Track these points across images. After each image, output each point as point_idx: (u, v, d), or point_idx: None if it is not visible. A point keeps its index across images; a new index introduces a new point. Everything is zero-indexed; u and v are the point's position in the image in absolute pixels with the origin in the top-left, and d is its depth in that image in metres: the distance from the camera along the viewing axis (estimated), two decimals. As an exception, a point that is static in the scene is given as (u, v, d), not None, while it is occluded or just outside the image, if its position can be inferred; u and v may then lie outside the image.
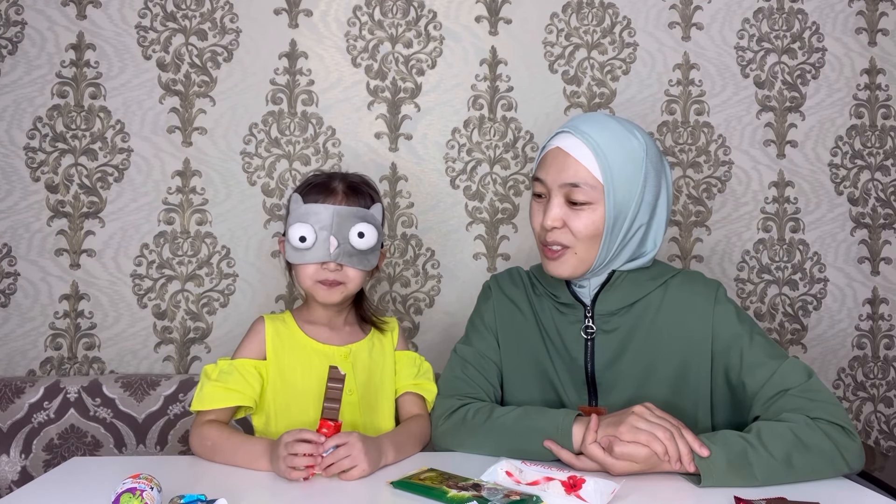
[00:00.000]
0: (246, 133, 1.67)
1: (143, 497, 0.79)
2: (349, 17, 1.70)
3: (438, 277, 1.70)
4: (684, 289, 1.15)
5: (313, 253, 1.15)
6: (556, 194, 1.09)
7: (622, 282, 1.14)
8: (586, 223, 1.08)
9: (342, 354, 1.20)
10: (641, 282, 1.14)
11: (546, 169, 1.11)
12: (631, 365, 1.12)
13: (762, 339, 1.10)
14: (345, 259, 1.16)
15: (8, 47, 1.63)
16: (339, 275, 1.17)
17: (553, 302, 1.19)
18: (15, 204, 1.63)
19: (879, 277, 1.79)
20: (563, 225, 1.09)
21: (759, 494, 0.89)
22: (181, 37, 1.67)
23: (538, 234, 1.14)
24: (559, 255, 1.11)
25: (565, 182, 1.08)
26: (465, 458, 1.07)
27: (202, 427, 1.10)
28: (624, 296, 1.14)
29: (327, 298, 1.18)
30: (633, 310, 1.14)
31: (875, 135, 1.79)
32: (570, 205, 1.09)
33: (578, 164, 1.07)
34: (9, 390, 1.45)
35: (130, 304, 1.64)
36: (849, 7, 1.80)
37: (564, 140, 1.11)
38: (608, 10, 1.75)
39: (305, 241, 1.14)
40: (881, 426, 1.77)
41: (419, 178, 1.70)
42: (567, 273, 1.11)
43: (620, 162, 1.08)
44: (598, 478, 0.89)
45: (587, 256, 1.10)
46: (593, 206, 1.07)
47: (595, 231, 1.08)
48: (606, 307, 1.14)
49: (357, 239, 1.15)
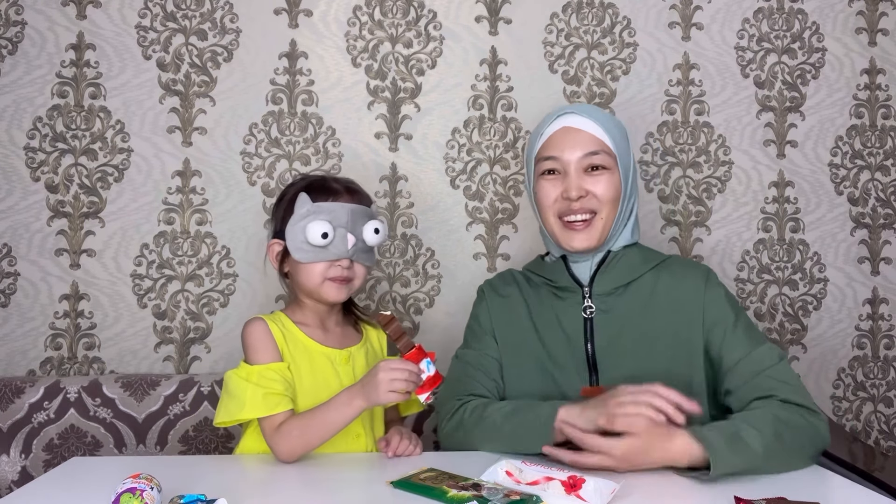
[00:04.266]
0: (246, 133, 1.67)
1: (143, 497, 0.79)
2: (349, 17, 1.70)
3: (438, 277, 1.70)
4: (677, 272, 1.22)
5: (331, 250, 1.15)
6: (575, 166, 1.19)
7: (617, 262, 1.22)
8: (607, 186, 1.19)
9: (343, 358, 1.20)
10: (635, 264, 1.22)
11: (559, 146, 1.20)
12: (629, 342, 1.17)
13: (745, 323, 1.17)
14: (359, 255, 1.18)
15: (8, 47, 1.63)
16: (349, 271, 1.17)
17: (551, 289, 1.24)
18: (15, 204, 1.63)
19: (879, 277, 1.79)
20: (587, 193, 1.18)
21: (759, 494, 0.89)
22: (181, 37, 1.67)
23: (558, 210, 1.20)
24: (588, 224, 1.19)
25: (586, 152, 1.19)
26: (466, 458, 1.07)
27: (280, 429, 1.07)
28: (619, 276, 1.20)
29: (338, 296, 1.18)
30: (629, 290, 1.20)
31: (875, 135, 1.79)
32: (588, 174, 1.19)
33: (591, 136, 1.20)
34: (9, 390, 1.45)
35: (130, 304, 1.64)
36: (849, 7, 1.80)
37: (569, 119, 1.22)
38: (608, 10, 1.75)
39: (328, 237, 1.13)
40: (881, 426, 1.77)
41: (419, 178, 1.70)
42: (595, 241, 1.19)
43: (618, 133, 1.23)
44: (598, 478, 0.89)
45: (609, 221, 1.20)
46: (610, 171, 1.19)
47: (616, 193, 1.19)
48: (603, 287, 1.20)
49: (372, 235, 1.18)
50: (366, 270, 1.21)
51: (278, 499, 0.93)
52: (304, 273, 1.17)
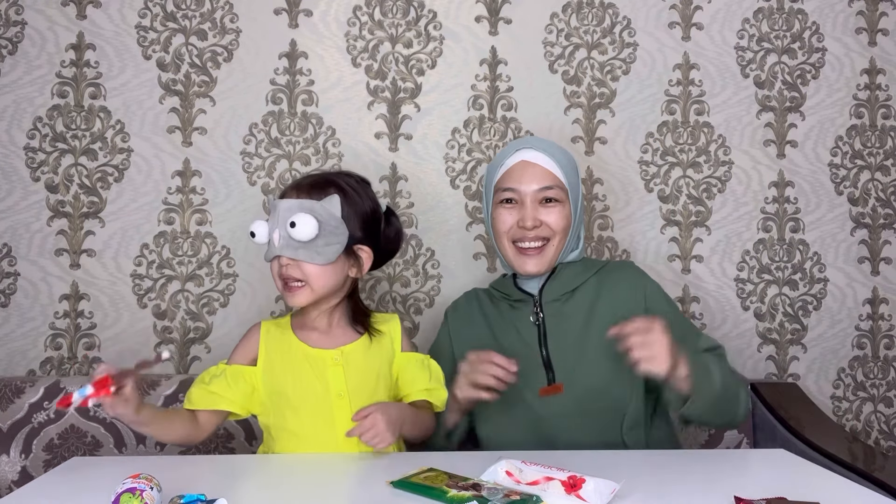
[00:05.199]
0: (246, 133, 1.67)
1: (143, 497, 0.79)
2: (349, 17, 1.70)
3: (438, 277, 1.70)
4: (615, 273, 1.35)
5: (269, 249, 1.15)
6: (531, 198, 1.30)
7: (561, 273, 1.34)
8: (559, 217, 1.31)
9: (331, 357, 1.18)
10: (578, 272, 1.35)
11: (516, 179, 1.31)
12: (579, 342, 1.29)
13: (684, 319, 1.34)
14: (289, 252, 1.11)
15: (8, 47, 1.63)
16: (297, 272, 1.13)
17: (507, 302, 1.37)
18: (15, 204, 1.63)
19: (879, 277, 1.79)
20: (541, 223, 1.30)
21: (759, 494, 0.89)
22: (181, 37, 1.67)
23: (511, 235, 1.32)
24: (540, 250, 1.31)
25: (542, 186, 1.30)
26: (466, 458, 1.07)
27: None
28: (564, 284, 1.33)
29: (291, 301, 1.16)
30: (574, 296, 1.32)
31: (875, 135, 1.79)
32: (542, 205, 1.30)
33: (547, 171, 1.31)
34: (9, 390, 1.45)
35: (130, 304, 1.64)
36: (849, 7, 1.80)
37: (527, 154, 1.32)
38: (608, 10, 1.75)
39: (255, 236, 1.15)
40: (881, 426, 1.77)
41: (419, 178, 1.70)
42: (546, 265, 1.31)
43: (570, 168, 1.34)
44: (599, 478, 0.89)
45: (559, 246, 1.32)
46: (562, 204, 1.31)
47: (566, 223, 1.32)
48: (551, 296, 1.32)
49: (290, 229, 1.09)
50: (325, 270, 1.13)
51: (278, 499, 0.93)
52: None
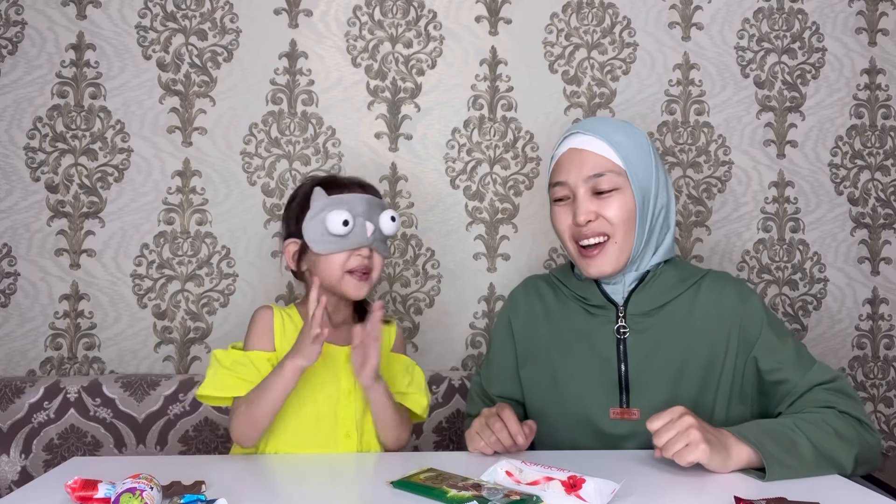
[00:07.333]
0: (246, 133, 1.67)
1: (143, 497, 0.79)
2: (349, 17, 1.70)
3: (438, 277, 1.70)
4: (715, 289, 1.17)
5: (352, 238, 1.15)
6: (582, 189, 1.13)
7: (654, 282, 1.17)
8: (618, 207, 1.11)
9: (344, 354, 1.20)
10: (672, 283, 1.17)
11: (564, 171, 1.15)
12: (664, 365, 1.13)
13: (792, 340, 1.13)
14: (378, 245, 1.19)
15: (8, 47, 1.63)
16: (369, 261, 1.18)
17: (582, 304, 1.20)
18: (15, 204, 1.63)
19: (879, 277, 1.79)
20: (597, 216, 1.12)
21: (759, 494, 0.89)
22: (181, 37, 1.67)
23: (571, 235, 1.16)
24: (601, 249, 1.13)
25: (589, 175, 1.12)
26: (465, 458, 1.07)
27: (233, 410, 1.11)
28: (656, 296, 1.16)
29: (357, 292, 1.18)
30: (665, 310, 1.15)
31: (875, 135, 1.79)
32: (597, 196, 1.12)
33: (597, 155, 1.13)
34: (9, 390, 1.45)
35: (130, 304, 1.64)
36: (849, 7, 1.80)
37: (575, 140, 1.16)
38: (608, 10, 1.75)
39: (348, 224, 1.14)
40: (881, 426, 1.77)
41: (419, 178, 1.70)
42: (610, 268, 1.13)
43: (632, 146, 1.14)
44: (598, 478, 0.89)
45: (626, 244, 1.13)
46: (621, 191, 1.12)
47: (628, 214, 1.12)
48: (639, 308, 1.15)
49: (389, 223, 1.18)
50: (382, 262, 1.22)
51: (278, 499, 0.93)
52: (324, 268, 1.17)
